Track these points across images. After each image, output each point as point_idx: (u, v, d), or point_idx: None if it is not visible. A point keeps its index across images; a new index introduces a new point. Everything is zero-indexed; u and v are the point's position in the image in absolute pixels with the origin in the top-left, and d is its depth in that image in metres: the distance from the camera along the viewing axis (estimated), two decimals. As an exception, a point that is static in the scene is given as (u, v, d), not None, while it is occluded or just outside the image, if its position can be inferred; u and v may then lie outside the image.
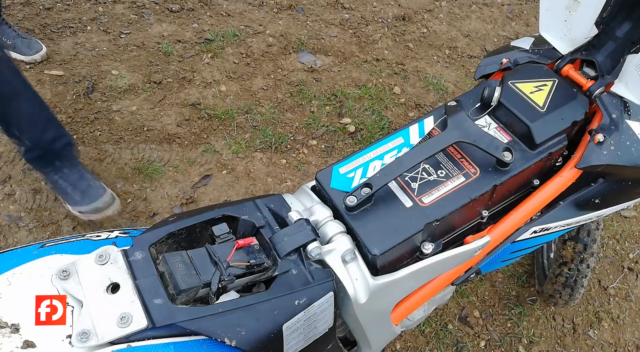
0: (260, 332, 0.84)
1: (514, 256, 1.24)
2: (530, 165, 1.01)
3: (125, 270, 0.81)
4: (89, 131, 2.29)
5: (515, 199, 1.11)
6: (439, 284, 1.10)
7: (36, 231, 1.96)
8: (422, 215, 0.95)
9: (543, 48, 1.19)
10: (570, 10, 1.11)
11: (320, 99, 2.53)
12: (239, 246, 0.92)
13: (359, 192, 0.95)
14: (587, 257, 1.62)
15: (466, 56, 2.86)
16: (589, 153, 1.05)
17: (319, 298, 0.91)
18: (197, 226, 0.96)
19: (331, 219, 0.99)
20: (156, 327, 0.76)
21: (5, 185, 2.07)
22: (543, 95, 1.05)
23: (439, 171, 1.00)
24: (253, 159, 2.27)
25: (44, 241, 0.86)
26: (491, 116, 1.08)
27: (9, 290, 0.75)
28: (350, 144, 2.39)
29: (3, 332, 0.71)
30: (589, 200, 1.14)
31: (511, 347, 1.85)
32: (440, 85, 2.67)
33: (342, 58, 2.75)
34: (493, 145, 0.98)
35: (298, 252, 0.93)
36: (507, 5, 3.20)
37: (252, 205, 1.00)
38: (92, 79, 2.46)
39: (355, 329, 1.07)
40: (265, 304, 0.86)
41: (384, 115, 2.50)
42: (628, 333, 1.92)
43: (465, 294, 1.96)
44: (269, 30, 2.81)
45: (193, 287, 0.82)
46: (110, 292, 0.78)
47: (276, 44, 2.75)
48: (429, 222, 0.94)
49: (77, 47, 2.59)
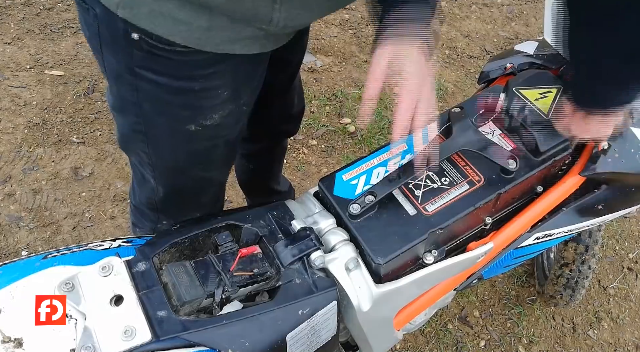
0: (264, 343, 0.84)
1: (516, 261, 1.24)
2: (534, 173, 1.00)
3: (128, 282, 0.81)
4: (89, 131, 2.28)
5: (518, 205, 1.10)
6: (441, 290, 1.10)
7: (36, 231, 1.96)
8: (426, 223, 0.94)
9: (547, 53, 1.18)
10: (574, 15, 1.10)
11: (320, 99, 2.52)
12: (242, 254, 0.91)
13: (362, 200, 0.94)
14: (589, 259, 1.62)
15: (466, 56, 2.85)
16: (593, 160, 1.05)
17: (323, 307, 0.90)
18: (200, 235, 0.96)
19: (334, 227, 0.99)
20: (160, 339, 0.76)
21: (5, 185, 2.07)
22: (548, 102, 1.04)
23: (443, 179, 1.00)
24: (253, 160, 2.26)
25: (46, 252, 0.86)
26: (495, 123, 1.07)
27: (12, 304, 0.75)
28: (350, 144, 2.38)
29: (6, 347, 0.70)
30: (592, 206, 1.14)
31: (511, 347, 1.86)
32: (440, 86, 2.66)
33: (342, 58, 2.74)
34: (498, 154, 0.98)
35: (301, 261, 0.93)
36: (507, 6, 3.19)
37: (255, 213, 1.00)
38: (93, 79, 2.45)
39: (358, 335, 1.07)
40: (268, 315, 0.85)
41: (384, 116, 2.49)
42: (628, 333, 1.92)
43: (465, 294, 1.96)
44: (269, 29, 2.80)
45: (196, 298, 0.82)
46: (114, 305, 0.78)
47: (276, 43, 2.74)
48: (432, 231, 0.94)
49: (78, 47, 2.58)
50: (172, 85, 0.86)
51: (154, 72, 0.84)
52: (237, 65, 0.89)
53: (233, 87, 0.92)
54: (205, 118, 0.93)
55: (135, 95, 0.89)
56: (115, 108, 0.97)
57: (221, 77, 0.88)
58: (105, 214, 2.04)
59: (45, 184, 2.09)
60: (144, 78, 0.85)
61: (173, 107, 0.91)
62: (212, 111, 0.93)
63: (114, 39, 0.82)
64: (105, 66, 0.90)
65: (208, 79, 0.87)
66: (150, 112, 0.92)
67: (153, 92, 0.88)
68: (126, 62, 0.84)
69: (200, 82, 0.87)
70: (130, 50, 0.82)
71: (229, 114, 0.96)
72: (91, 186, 2.12)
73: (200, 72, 0.86)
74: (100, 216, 2.04)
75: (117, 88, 0.91)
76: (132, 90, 0.88)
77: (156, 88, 0.87)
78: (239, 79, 0.93)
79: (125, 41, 0.81)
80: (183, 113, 0.92)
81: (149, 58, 0.82)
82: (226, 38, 0.82)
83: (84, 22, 0.87)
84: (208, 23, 0.78)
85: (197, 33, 0.79)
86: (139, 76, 0.85)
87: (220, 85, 0.90)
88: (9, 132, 2.24)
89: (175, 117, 0.93)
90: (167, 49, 0.81)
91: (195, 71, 0.85)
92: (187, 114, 0.92)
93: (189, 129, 0.94)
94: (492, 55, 2.86)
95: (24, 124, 2.27)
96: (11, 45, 2.56)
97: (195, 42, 0.80)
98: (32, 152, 2.19)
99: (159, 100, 0.89)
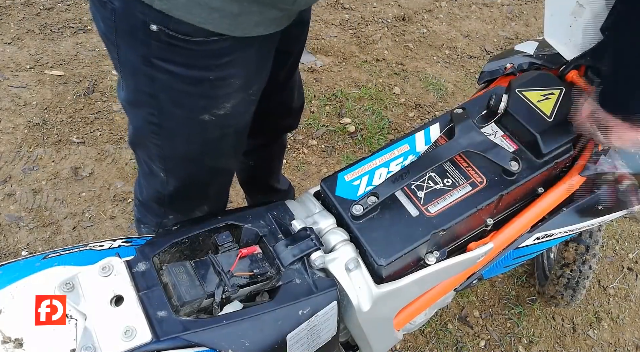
0: (264, 343, 0.84)
1: (516, 261, 1.24)
2: (536, 174, 1.00)
3: (129, 282, 0.80)
4: (89, 131, 2.28)
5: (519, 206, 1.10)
6: (441, 290, 1.10)
7: (36, 231, 1.96)
8: (428, 225, 0.94)
9: (547, 53, 1.18)
10: (575, 16, 1.10)
11: (320, 99, 2.52)
12: (243, 255, 0.91)
13: (365, 201, 0.94)
14: (589, 259, 1.61)
15: (466, 56, 2.85)
16: (594, 161, 1.05)
17: (323, 308, 0.90)
18: (200, 235, 0.96)
19: (334, 227, 0.99)
20: (160, 340, 0.76)
21: (5, 185, 2.07)
22: (550, 104, 1.04)
23: (445, 180, 1.00)
24: (253, 160, 2.26)
25: (47, 252, 0.86)
26: (497, 124, 1.07)
27: (12, 304, 0.75)
28: (350, 144, 2.38)
29: (6, 347, 0.70)
30: (592, 206, 1.14)
31: (511, 347, 1.85)
32: (440, 86, 2.66)
33: (342, 58, 2.74)
34: (500, 155, 0.98)
35: (301, 261, 0.92)
36: (507, 6, 3.19)
37: (255, 213, 1.00)
38: (93, 79, 2.46)
39: (358, 335, 1.07)
40: (269, 315, 0.85)
41: (384, 116, 2.49)
42: (628, 333, 1.92)
43: (465, 294, 1.96)
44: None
45: (197, 298, 0.82)
46: (114, 305, 0.78)
47: (276, 43, 2.74)
48: (435, 232, 0.94)
49: (78, 47, 2.58)
50: (188, 75, 0.90)
51: (172, 63, 0.88)
52: (251, 52, 0.93)
53: (245, 76, 0.96)
54: (218, 108, 0.96)
55: (152, 87, 0.92)
56: (129, 102, 1.00)
57: (235, 65, 0.92)
58: (105, 214, 2.04)
59: (45, 184, 2.09)
60: (160, 69, 0.89)
61: (189, 97, 0.94)
62: (225, 100, 0.96)
63: (132, 31, 0.86)
64: (119, 59, 0.93)
65: (223, 68, 0.91)
66: (166, 103, 0.95)
67: (169, 82, 0.91)
68: (144, 54, 0.88)
69: (215, 72, 0.91)
70: (148, 41, 0.85)
71: (239, 103, 0.99)
72: (91, 185, 2.12)
73: (215, 61, 0.89)
74: (100, 216, 2.03)
75: (134, 81, 0.94)
76: (149, 82, 0.92)
77: (173, 78, 0.90)
78: (250, 67, 0.96)
79: (144, 33, 0.84)
80: (198, 103, 0.95)
81: (167, 49, 0.86)
82: (252, 22, 0.86)
83: (100, 16, 0.90)
84: (238, 9, 0.83)
85: (228, 19, 0.83)
86: (156, 67, 0.88)
87: (234, 73, 0.93)
88: (9, 132, 2.24)
89: (190, 107, 0.96)
90: (185, 39, 0.84)
91: (211, 61, 0.89)
92: (202, 104, 0.95)
93: (202, 118, 0.97)
94: (492, 55, 2.86)
95: (24, 124, 2.27)
96: (11, 45, 2.56)
97: (226, 28, 0.84)
98: (32, 152, 2.19)
99: (175, 91, 0.92)
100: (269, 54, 1.01)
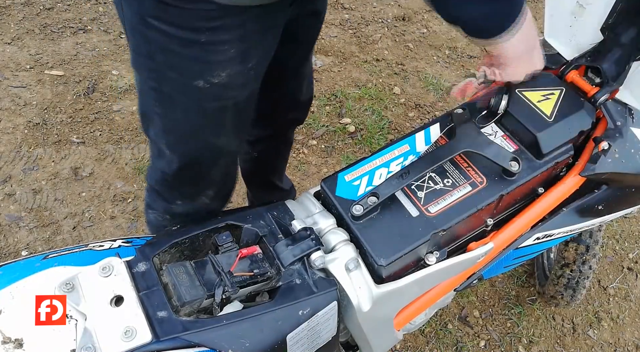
0: (264, 343, 0.84)
1: (516, 261, 1.24)
2: (536, 174, 1.00)
3: (129, 282, 0.81)
4: (89, 131, 2.28)
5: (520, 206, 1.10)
6: (441, 290, 1.10)
7: (36, 231, 1.96)
8: (428, 225, 0.94)
9: (547, 53, 1.18)
10: (575, 16, 1.10)
11: (320, 99, 2.52)
12: (243, 255, 0.91)
13: (365, 201, 0.94)
14: (589, 259, 1.61)
15: (466, 56, 2.85)
16: (593, 161, 1.05)
17: (323, 308, 0.90)
18: (200, 235, 0.96)
19: (334, 227, 0.99)
20: (160, 340, 0.76)
21: (5, 185, 2.07)
22: (550, 104, 1.04)
23: (446, 180, 1.00)
24: (253, 160, 2.26)
25: (47, 252, 0.86)
26: (498, 124, 1.07)
27: (12, 304, 0.75)
28: (350, 144, 2.38)
29: (6, 347, 0.70)
30: (592, 207, 1.14)
31: (511, 347, 1.85)
32: (440, 86, 2.66)
33: (342, 58, 2.74)
34: (500, 156, 0.98)
35: (302, 261, 0.93)
36: (508, 4, 3.18)
37: (255, 213, 1.00)
38: (93, 79, 2.46)
39: (358, 335, 1.07)
40: (269, 315, 0.85)
41: (384, 116, 2.49)
42: (628, 333, 1.92)
43: (465, 294, 1.96)
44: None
45: (197, 298, 0.82)
46: (114, 305, 0.78)
47: (276, 43, 2.74)
48: (435, 232, 0.94)
49: (78, 47, 2.58)
50: (179, 35, 0.91)
51: (163, 22, 0.89)
52: (245, 23, 0.93)
53: (241, 47, 0.96)
54: (212, 75, 0.97)
55: (149, 47, 0.94)
56: (133, 64, 1.02)
57: (227, 32, 0.93)
58: (105, 214, 2.04)
59: (45, 184, 2.09)
60: (153, 27, 0.90)
61: (182, 60, 0.95)
62: (219, 68, 0.96)
63: None
64: (124, 20, 0.96)
65: (214, 32, 0.91)
66: (162, 65, 0.96)
67: (163, 42, 0.92)
68: (140, 12, 0.89)
69: (206, 34, 0.91)
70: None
71: (236, 75, 1.00)
72: (91, 185, 2.12)
73: (205, 24, 0.90)
74: (100, 216, 2.03)
75: (134, 41, 0.96)
76: (145, 42, 0.94)
77: (165, 38, 0.91)
78: (247, 39, 0.96)
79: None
80: (192, 67, 0.96)
81: (159, 7, 0.87)
82: None
83: None
84: None
85: None
86: (150, 26, 0.90)
87: (226, 40, 0.94)
88: (9, 132, 2.24)
89: (184, 71, 0.97)
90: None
91: (200, 22, 0.90)
92: (196, 69, 0.96)
93: (197, 85, 0.97)
94: (492, 55, 2.85)
95: (24, 124, 2.27)
96: (11, 45, 2.56)
97: None
98: (32, 152, 2.19)
99: (168, 52, 0.94)
100: (271, 30, 1.01)
